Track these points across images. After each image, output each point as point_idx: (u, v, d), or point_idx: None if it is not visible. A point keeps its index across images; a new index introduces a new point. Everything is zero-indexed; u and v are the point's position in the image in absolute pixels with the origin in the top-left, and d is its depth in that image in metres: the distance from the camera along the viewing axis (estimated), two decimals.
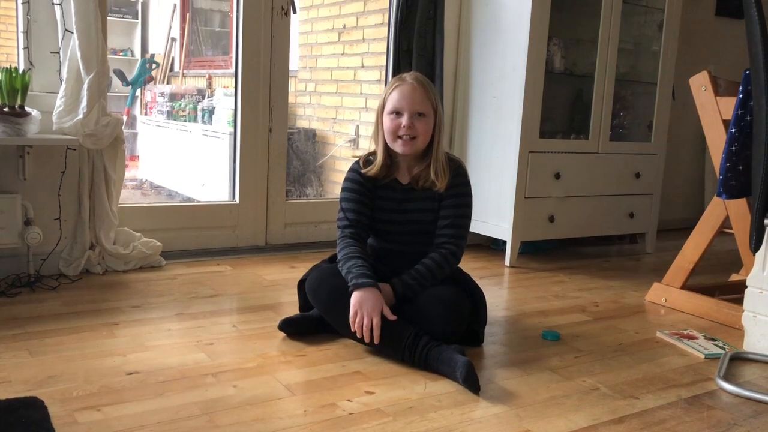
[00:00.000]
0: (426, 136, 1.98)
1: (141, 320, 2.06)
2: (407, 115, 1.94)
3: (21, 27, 2.42)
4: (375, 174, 2.02)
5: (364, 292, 1.81)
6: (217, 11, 6.73)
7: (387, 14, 3.63)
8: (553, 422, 1.54)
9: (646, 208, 3.52)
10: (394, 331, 1.81)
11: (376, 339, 1.79)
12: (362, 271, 1.85)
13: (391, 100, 1.97)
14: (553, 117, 3.39)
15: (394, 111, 1.95)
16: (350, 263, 1.89)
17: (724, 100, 2.37)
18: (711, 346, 2.09)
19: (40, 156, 2.44)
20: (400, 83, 1.98)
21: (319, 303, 1.96)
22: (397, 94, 1.96)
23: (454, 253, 1.99)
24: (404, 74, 2.02)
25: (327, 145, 5.00)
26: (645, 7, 3.51)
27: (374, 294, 1.81)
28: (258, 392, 1.60)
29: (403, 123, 1.94)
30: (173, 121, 5.78)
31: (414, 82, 1.96)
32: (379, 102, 2.02)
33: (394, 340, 1.81)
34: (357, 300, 1.81)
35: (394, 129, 1.95)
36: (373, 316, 1.78)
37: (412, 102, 1.94)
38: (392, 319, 1.80)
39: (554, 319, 2.32)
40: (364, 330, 1.79)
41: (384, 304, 1.81)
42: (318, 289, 1.96)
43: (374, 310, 1.79)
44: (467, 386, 1.67)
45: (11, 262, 2.41)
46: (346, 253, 1.93)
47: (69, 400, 1.50)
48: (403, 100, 1.95)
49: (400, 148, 1.97)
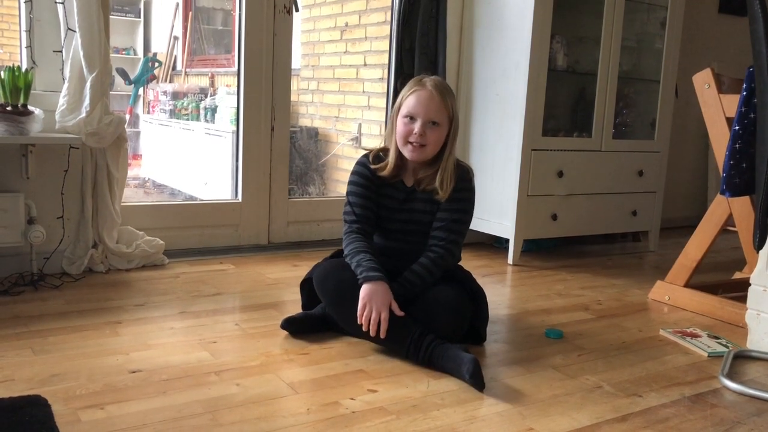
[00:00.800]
0: (436, 145, 1.95)
1: (144, 319, 2.06)
2: (420, 123, 1.91)
3: (24, 26, 2.42)
4: (386, 175, 2.01)
5: (374, 285, 1.81)
6: (219, 9, 6.74)
7: (389, 12, 3.63)
8: (557, 420, 1.54)
9: (649, 205, 3.51)
10: (400, 327, 1.81)
11: (383, 333, 1.79)
12: (372, 265, 1.85)
13: (407, 104, 1.94)
14: (555, 115, 3.38)
15: (408, 116, 1.93)
16: (359, 257, 1.89)
17: (727, 97, 2.37)
18: (714, 344, 2.09)
19: (43, 155, 2.44)
20: (419, 88, 1.94)
21: (326, 296, 1.95)
22: (414, 99, 1.93)
23: (442, 256, 1.95)
24: (425, 78, 1.97)
25: (329, 143, 5.00)
26: (648, 5, 3.50)
27: (384, 288, 1.81)
28: (261, 390, 1.61)
29: (414, 129, 1.91)
30: (176, 119, 5.79)
31: (433, 90, 1.93)
32: (396, 102, 2.00)
33: (399, 337, 1.80)
34: (366, 293, 1.81)
35: (406, 134, 1.94)
36: (381, 310, 1.78)
37: (427, 110, 1.92)
38: (400, 314, 1.80)
39: (557, 317, 2.32)
40: (372, 324, 1.79)
41: (393, 299, 1.81)
42: (325, 282, 1.95)
43: (383, 304, 1.79)
44: (473, 383, 1.67)
45: (14, 261, 2.41)
46: (355, 247, 1.93)
47: (72, 399, 1.50)
48: (418, 106, 1.92)
49: (408, 153, 1.96)
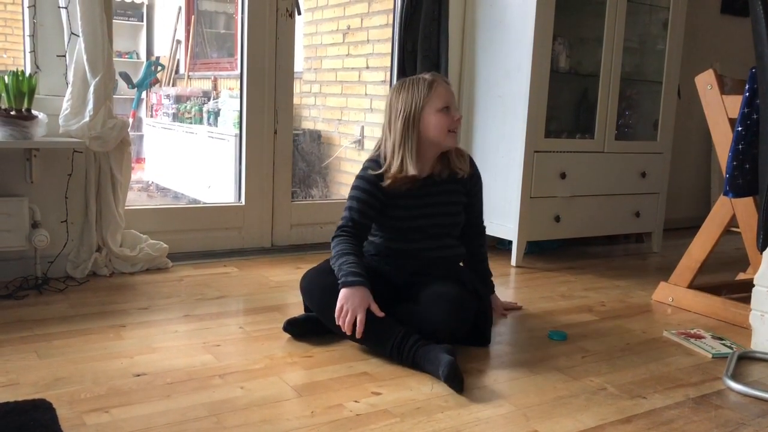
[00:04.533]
0: None
1: (148, 322, 2.07)
2: (454, 110, 2.03)
3: (27, 30, 2.43)
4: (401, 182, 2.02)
5: (351, 289, 1.83)
6: (221, 13, 6.75)
7: (391, 15, 3.63)
8: (561, 422, 1.54)
9: (653, 207, 3.51)
10: (384, 330, 1.82)
11: (359, 334, 1.81)
12: (352, 269, 1.87)
13: (439, 97, 2.00)
14: (558, 116, 3.38)
15: (444, 107, 2.01)
16: (342, 260, 1.91)
17: (730, 98, 2.36)
18: (718, 346, 2.09)
19: (47, 159, 2.45)
20: (438, 82, 2.03)
21: (312, 302, 1.98)
22: (443, 90, 2.02)
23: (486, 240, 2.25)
24: (425, 75, 2.04)
25: (332, 146, 5.01)
26: (650, 6, 3.50)
27: (361, 291, 1.83)
28: (265, 393, 1.61)
29: (455, 117, 2.02)
30: (179, 123, 5.80)
31: (442, 80, 2.05)
32: (409, 109, 2.00)
33: (383, 339, 1.82)
34: (343, 296, 1.84)
35: (447, 124, 2.01)
36: (357, 312, 1.81)
37: (454, 98, 2.07)
38: (380, 315, 1.82)
39: (561, 319, 2.32)
40: (347, 326, 1.82)
41: (372, 301, 1.83)
42: (310, 288, 1.98)
43: (360, 306, 1.81)
44: (450, 385, 1.68)
45: (19, 265, 2.42)
46: (340, 250, 1.95)
47: (77, 402, 1.51)
48: (449, 96, 2.03)
49: (452, 141, 2.05)
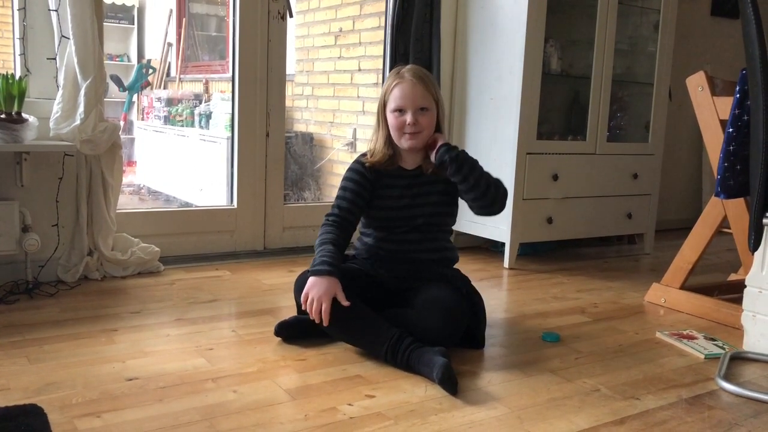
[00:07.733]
0: (430, 128, 2.00)
1: (140, 326, 2.06)
2: (410, 113, 1.95)
3: (17, 33, 2.42)
4: (378, 160, 2.02)
5: (318, 278, 1.83)
6: (213, 16, 6.74)
7: (384, 17, 3.64)
8: (555, 424, 1.54)
9: (644, 208, 3.52)
10: (379, 331, 1.82)
11: (325, 322, 1.81)
12: (324, 258, 1.87)
13: (393, 98, 1.98)
14: (550, 118, 3.39)
15: (397, 109, 1.97)
16: (321, 249, 1.92)
17: (721, 99, 2.38)
18: (711, 346, 2.09)
19: (38, 162, 2.43)
20: (400, 81, 1.98)
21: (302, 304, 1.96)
22: (399, 91, 1.97)
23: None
24: (402, 69, 2.01)
25: (324, 148, 5.00)
26: (641, 8, 3.52)
27: (327, 280, 1.83)
28: (258, 397, 1.60)
29: (408, 120, 1.95)
30: (170, 126, 5.79)
31: (413, 79, 1.97)
32: (380, 98, 2.03)
33: (378, 341, 1.82)
34: (310, 284, 1.84)
35: (400, 126, 1.97)
36: (323, 300, 1.80)
37: (414, 99, 1.96)
38: (345, 305, 1.81)
39: (554, 321, 2.32)
40: (314, 313, 1.82)
41: (339, 291, 1.82)
42: (299, 292, 1.96)
43: (325, 294, 1.81)
44: (444, 387, 1.67)
45: (9, 269, 2.40)
46: (322, 239, 1.96)
47: (68, 407, 1.50)
48: (404, 99, 1.96)
49: (407, 143, 1.99)
